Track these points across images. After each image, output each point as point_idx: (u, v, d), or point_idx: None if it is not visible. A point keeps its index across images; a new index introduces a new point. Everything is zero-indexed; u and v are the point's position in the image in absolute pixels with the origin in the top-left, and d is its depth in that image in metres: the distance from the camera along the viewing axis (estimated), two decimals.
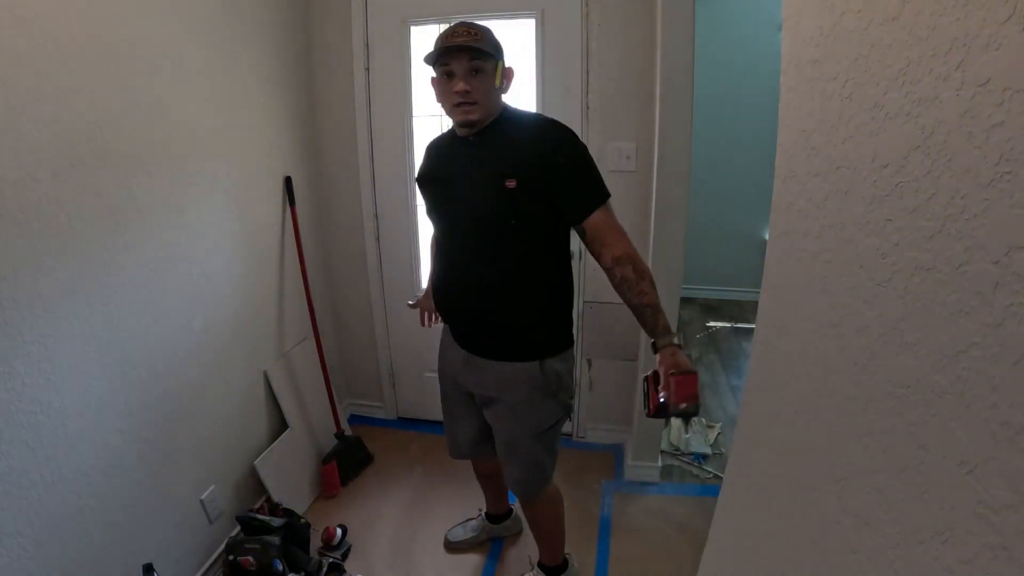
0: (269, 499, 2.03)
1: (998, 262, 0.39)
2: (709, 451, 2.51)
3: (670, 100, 1.92)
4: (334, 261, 2.60)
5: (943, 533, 0.44)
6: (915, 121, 0.48)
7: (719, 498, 1.16)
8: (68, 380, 1.36)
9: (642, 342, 2.16)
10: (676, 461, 2.47)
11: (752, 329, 0.97)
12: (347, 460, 2.38)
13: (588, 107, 2.18)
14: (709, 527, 1.22)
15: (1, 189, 1.18)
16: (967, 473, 0.41)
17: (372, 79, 2.34)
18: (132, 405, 1.56)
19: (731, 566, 1.06)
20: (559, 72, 2.19)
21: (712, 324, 3.85)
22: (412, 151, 2.39)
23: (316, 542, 2.00)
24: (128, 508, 1.55)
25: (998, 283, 0.39)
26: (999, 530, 0.38)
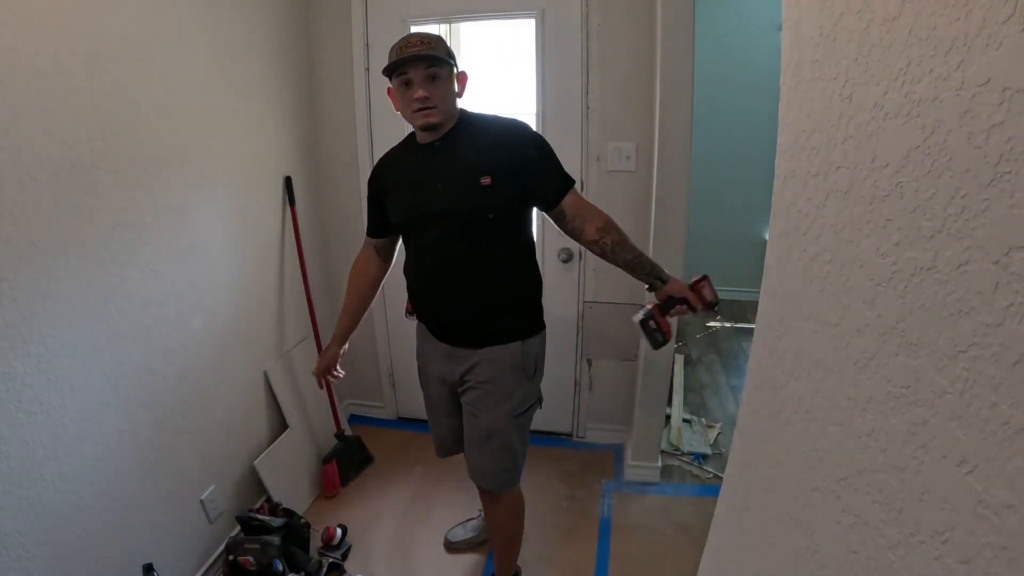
0: (269, 499, 2.03)
1: (998, 262, 0.38)
2: (709, 451, 2.51)
3: (670, 100, 1.92)
4: (334, 261, 2.60)
5: (943, 533, 0.44)
6: (915, 121, 0.48)
7: (719, 498, 1.16)
8: (68, 380, 1.36)
9: (642, 345, 2.16)
10: (676, 461, 2.47)
11: (752, 329, 0.97)
12: (347, 460, 2.38)
13: (588, 107, 2.18)
14: (709, 527, 1.22)
15: (1, 189, 1.18)
16: (967, 473, 0.41)
17: (372, 79, 2.34)
18: (132, 405, 1.56)
19: (731, 566, 1.06)
20: (559, 72, 2.19)
21: (712, 324, 3.86)
22: None
23: (316, 542, 2.00)
24: (128, 508, 1.55)
25: (998, 283, 0.38)
26: (999, 530, 0.38)
